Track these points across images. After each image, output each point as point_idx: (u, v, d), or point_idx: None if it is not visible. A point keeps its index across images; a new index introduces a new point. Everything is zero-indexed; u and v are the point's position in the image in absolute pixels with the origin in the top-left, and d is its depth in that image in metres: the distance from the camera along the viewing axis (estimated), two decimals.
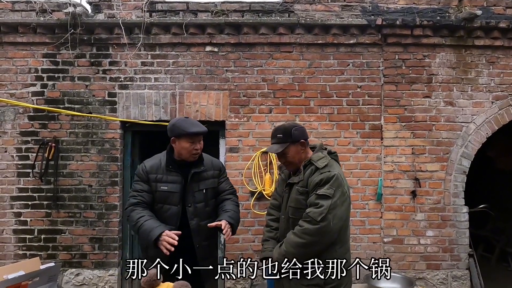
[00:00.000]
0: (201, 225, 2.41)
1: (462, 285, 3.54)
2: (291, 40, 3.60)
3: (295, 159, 2.17)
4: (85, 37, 3.58)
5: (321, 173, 2.03)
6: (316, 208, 1.96)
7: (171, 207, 2.38)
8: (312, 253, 2.00)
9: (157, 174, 2.40)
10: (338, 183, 2.01)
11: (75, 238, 3.55)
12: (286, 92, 3.63)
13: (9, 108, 3.59)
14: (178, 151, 2.40)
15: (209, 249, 2.52)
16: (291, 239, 2.02)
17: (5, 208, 3.55)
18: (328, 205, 1.95)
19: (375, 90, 3.64)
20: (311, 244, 1.96)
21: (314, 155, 2.16)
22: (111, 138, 3.60)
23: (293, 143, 2.14)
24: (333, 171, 2.03)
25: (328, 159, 2.12)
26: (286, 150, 2.14)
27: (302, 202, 2.08)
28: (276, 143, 2.16)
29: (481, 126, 3.60)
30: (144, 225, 2.24)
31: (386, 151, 3.61)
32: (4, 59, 3.61)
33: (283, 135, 2.14)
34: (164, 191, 2.37)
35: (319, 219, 1.93)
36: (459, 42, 3.61)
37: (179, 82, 3.62)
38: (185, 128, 2.35)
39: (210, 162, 2.56)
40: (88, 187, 3.57)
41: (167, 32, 3.58)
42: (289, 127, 2.16)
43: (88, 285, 3.52)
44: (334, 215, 1.96)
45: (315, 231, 1.94)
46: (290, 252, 2.01)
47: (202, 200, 2.45)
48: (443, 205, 3.57)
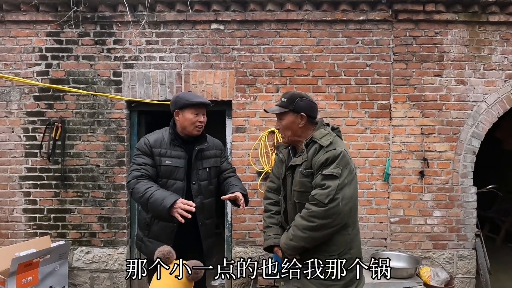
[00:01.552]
0: (205, 203, 2.42)
1: (467, 265, 3.56)
2: (298, 17, 3.51)
3: (289, 129, 2.02)
4: (89, 15, 3.52)
5: (326, 152, 1.88)
6: (322, 190, 1.83)
7: (176, 182, 2.33)
8: (322, 236, 1.87)
9: (161, 149, 2.35)
10: (345, 161, 1.87)
11: (84, 217, 3.59)
12: (293, 71, 3.57)
13: (14, 88, 3.57)
14: (181, 124, 2.36)
15: (212, 228, 2.54)
16: (298, 222, 1.90)
17: (14, 188, 3.59)
18: (335, 186, 1.82)
19: (385, 68, 3.56)
20: (321, 227, 1.84)
21: (317, 132, 1.98)
22: (117, 118, 3.59)
23: (293, 112, 2.00)
24: (339, 149, 1.88)
25: (333, 136, 1.96)
26: (283, 116, 2.02)
27: (307, 184, 1.93)
28: (278, 105, 2.05)
29: (493, 106, 3.53)
30: (154, 194, 2.15)
31: (395, 131, 3.57)
32: (8, 38, 3.56)
33: (287, 100, 2.01)
34: (169, 165, 2.32)
35: (326, 201, 1.80)
36: (472, 18, 3.49)
37: (184, 61, 3.57)
38: (189, 98, 2.35)
39: (212, 141, 2.56)
40: (95, 167, 3.59)
41: (172, 9, 3.50)
42: (296, 95, 2.03)
43: (98, 263, 3.59)
44: (343, 195, 1.83)
45: (323, 213, 1.81)
46: (298, 236, 1.88)
47: (206, 178, 2.44)
48: (451, 185, 3.55)
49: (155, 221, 2.37)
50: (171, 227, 2.32)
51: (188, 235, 2.40)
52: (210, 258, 2.50)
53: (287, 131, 2.04)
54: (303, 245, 1.89)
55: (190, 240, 2.41)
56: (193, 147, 2.40)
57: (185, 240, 2.39)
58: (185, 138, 2.41)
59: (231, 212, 3.64)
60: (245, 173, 3.60)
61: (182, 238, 2.38)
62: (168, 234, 2.33)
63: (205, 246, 2.45)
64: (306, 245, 1.89)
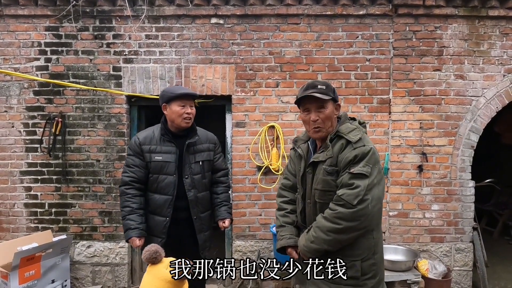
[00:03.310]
0: (198, 197, 2.46)
1: (465, 258, 3.61)
2: (298, 11, 3.50)
3: (329, 120, 1.80)
4: (88, 9, 3.50)
5: (354, 148, 1.71)
6: (350, 190, 1.66)
7: (167, 176, 2.40)
8: (347, 239, 1.71)
9: (150, 145, 2.41)
10: (375, 159, 1.72)
11: (85, 211, 3.61)
12: (293, 66, 3.57)
13: (14, 83, 3.56)
14: (170, 118, 2.41)
15: (207, 221, 2.56)
16: (322, 224, 1.72)
17: (15, 183, 3.60)
18: (365, 186, 1.65)
19: (384, 63, 3.57)
20: (347, 230, 1.68)
21: (343, 126, 1.80)
22: (117, 113, 3.59)
23: (333, 101, 1.80)
24: (368, 145, 1.73)
25: (362, 131, 1.79)
26: (327, 105, 1.78)
27: (331, 183, 1.76)
28: (318, 92, 1.76)
29: (492, 100, 3.54)
30: (126, 218, 2.36)
31: (394, 125, 3.58)
32: (6, 32, 3.54)
33: (326, 88, 1.79)
34: (159, 161, 2.39)
35: (355, 202, 1.64)
36: (472, 12, 3.49)
37: (184, 55, 3.56)
38: (174, 91, 2.41)
39: (205, 135, 2.59)
40: (96, 162, 3.60)
41: (171, 4, 3.49)
42: (330, 84, 1.84)
43: (100, 257, 3.62)
44: (373, 196, 1.67)
45: (350, 215, 1.65)
46: (321, 238, 1.71)
47: (199, 172, 2.47)
48: (450, 180, 3.58)
49: (148, 216, 2.44)
50: (164, 221, 2.39)
51: (184, 229, 2.45)
52: (206, 251, 2.55)
53: (328, 121, 1.81)
54: (326, 248, 1.73)
55: (186, 234, 2.46)
56: (184, 142, 2.43)
57: (180, 233, 2.44)
58: (176, 132, 2.45)
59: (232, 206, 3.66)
60: (245, 168, 3.62)
61: (178, 232, 2.43)
62: (161, 228, 2.39)
63: (200, 239, 2.49)
64: (328, 248, 1.73)
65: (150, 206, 2.44)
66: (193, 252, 2.44)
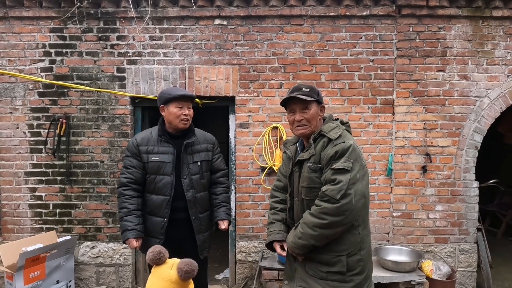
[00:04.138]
0: (197, 197, 2.47)
1: (469, 258, 3.60)
2: (302, 12, 3.50)
3: (314, 120, 1.91)
4: (92, 11, 3.51)
5: (335, 145, 1.79)
6: (333, 185, 1.73)
7: (164, 177, 2.41)
8: (332, 235, 1.78)
9: (148, 146, 2.43)
10: (356, 154, 1.79)
11: (89, 212, 3.62)
12: (296, 67, 3.57)
13: (18, 84, 3.58)
14: (167, 119, 2.43)
15: (205, 222, 2.56)
16: (308, 219, 1.80)
17: (20, 184, 3.61)
18: (347, 180, 1.72)
19: (388, 64, 3.57)
20: (332, 224, 1.74)
21: (325, 125, 1.91)
22: (121, 114, 3.60)
23: (317, 103, 1.92)
24: (348, 142, 1.80)
25: (342, 129, 1.89)
26: (311, 106, 1.89)
27: (315, 180, 1.84)
28: (302, 94, 1.88)
29: (495, 101, 3.54)
30: (123, 219, 2.38)
31: (398, 126, 3.58)
32: (11, 34, 3.56)
33: (310, 90, 1.89)
34: (156, 161, 2.40)
35: (338, 196, 1.70)
36: (476, 13, 3.49)
37: (188, 56, 3.57)
38: (171, 92, 2.41)
39: (203, 135, 2.60)
40: (100, 162, 3.61)
41: (175, 5, 3.50)
42: (314, 87, 1.95)
43: (104, 257, 3.63)
44: (356, 191, 1.73)
45: (335, 210, 1.71)
46: (308, 234, 1.79)
47: (197, 172, 2.48)
48: (453, 180, 3.57)
49: (146, 217, 2.45)
50: (161, 222, 2.40)
51: (182, 229, 2.45)
52: (204, 251, 2.55)
53: (313, 121, 1.91)
54: (313, 243, 1.80)
55: (184, 234, 2.47)
56: (182, 142, 2.44)
57: (179, 234, 2.45)
58: (174, 133, 2.46)
59: (235, 207, 3.67)
60: (249, 169, 3.63)
61: (176, 232, 2.44)
62: (159, 229, 2.41)
63: (199, 239, 2.49)
64: (315, 243, 1.80)
65: (148, 207, 2.45)
66: (192, 252, 2.43)
